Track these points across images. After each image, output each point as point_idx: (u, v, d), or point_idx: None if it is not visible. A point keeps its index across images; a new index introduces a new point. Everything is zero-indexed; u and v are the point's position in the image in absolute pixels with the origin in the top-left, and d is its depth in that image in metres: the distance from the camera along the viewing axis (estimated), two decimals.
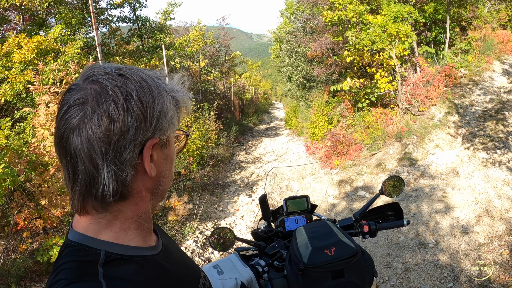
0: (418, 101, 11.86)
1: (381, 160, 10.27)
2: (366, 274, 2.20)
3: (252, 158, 15.92)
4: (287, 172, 11.75)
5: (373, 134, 11.60)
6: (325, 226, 2.32)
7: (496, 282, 5.48)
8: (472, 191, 7.99)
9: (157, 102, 1.06)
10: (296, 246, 2.19)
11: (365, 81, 13.15)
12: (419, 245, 6.56)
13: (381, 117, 12.03)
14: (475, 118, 11.05)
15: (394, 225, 2.75)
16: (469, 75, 13.55)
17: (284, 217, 2.86)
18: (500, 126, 10.33)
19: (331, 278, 2.04)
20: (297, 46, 19.56)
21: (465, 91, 12.62)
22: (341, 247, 2.10)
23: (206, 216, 8.95)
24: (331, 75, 16.80)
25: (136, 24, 18.13)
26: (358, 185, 9.65)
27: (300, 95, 20.96)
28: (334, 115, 14.86)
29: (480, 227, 6.81)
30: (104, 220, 1.08)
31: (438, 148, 10.07)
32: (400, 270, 5.98)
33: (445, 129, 10.82)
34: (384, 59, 12.00)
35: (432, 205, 7.74)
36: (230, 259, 2.45)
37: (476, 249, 6.24)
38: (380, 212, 2.87)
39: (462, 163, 9.20)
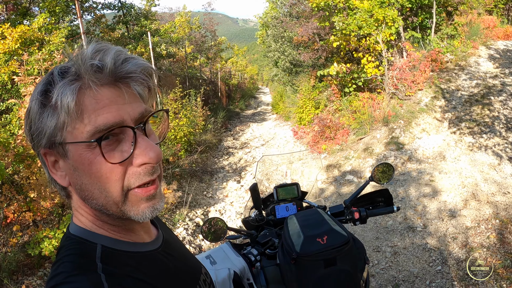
0: (404, 86, 11.92)
1: (369, 145, 10.33)
2: (358, 261, 2.23)
3: (239, 143, 15.92)
4: (275, 158, 11.76)
5: (360, 118, 11.65)
6: (316, 214, 2.34)
7: (483, 265, 5.52)
8: (459, 175, 8.08)
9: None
10: (288, 235, 2.19)
11: (351, 66, 13.15)
12: (408, 228, 6.63)
13: (368, 101, 12.07)
14: (461, 102, 11.14)
15: (384, 211, 2.76)
16: (455, 60, 13.61)
17: (274, 204, 2.86)
18: (486, 111, 10.41)
19: (323, 266, 2.05)
20: (284, 31, 19.50)
21: (451, 76, 12.69)
22: (333, 235, 2.11)
23: (196, 203, 8.97)
24: (317, 60, 16.78)
25: (121, 11, 17.97)
26: (346, 169, 9.70)
27: (287, 80, 20.92)
28: (321, 100, 14.86)
29: (467, 210, 6.90)
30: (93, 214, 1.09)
31: (425, 133, 10.15)
32: (389, 254, 6.05)
33: (431, 113, 10.89)
34: (371, 44, 12.02)
35: (420, 189, 7.82)
36: (222, 248, 2.45)
37: (463, 232, 6.32)
38: (370, 199, 2.89)
39: (449, 147, 9.29)
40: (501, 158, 8.40)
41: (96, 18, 17.20)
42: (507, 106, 10.58)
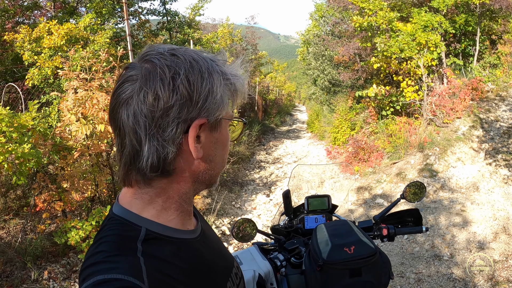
0: (443, 113, 11.79)
1: (402, 169, 10.24)
2: (383, 275, 2.21)
3: (272, 158, 15.96)
4: (306, 175, 11.75)
5: (396, 142, 11.57)
6: (346, 225, 2.33)
7: None
8: (491, 207, 7.94)
9: (206, 83, 1.07)
10: (316, 242, 2.20)
11: (390, 88, 13.09)
12: (434, 257, 6.54)
13: (405, 126, 11.98)
14: (499, 134, 10.96)
15: (413, 230, 2.74)
16: (496, 90, 13.40)
17: (304, 215, 2.88)
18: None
19: (348, 276, 2.05)
20: (325, 50, 19.51)
21: (491, 106, 12.50)
22: (361, 246, 2.11)
23: (223, 211, 9.02)
24: (356, 81, 16.76)
25: (166, 17, 18.28)
26: (377, 192, 9.64)
27: (324, 99, 20.91)
28: (357, 121, 14.82)
29: (497, 244, 6.77)
30: (147, 196, 1.11)
31: (460, 162, 10.02)
32: (413, 280, 5.98)
33: (468, 143, 10.75)
34: (412, 68, 11.94)
35: (450, 218, 7.71)
36: (249, 251, 2.48)
37: (490, 265, 6.20)
38: (399, 217, 2.86)
39: (483, 178, 9.14)
40: None
41: (140, 22, 17.52)
42: None
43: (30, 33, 10.03)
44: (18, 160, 5.11)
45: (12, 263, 5.62)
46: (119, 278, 0.93)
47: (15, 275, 5.52)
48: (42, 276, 5.59)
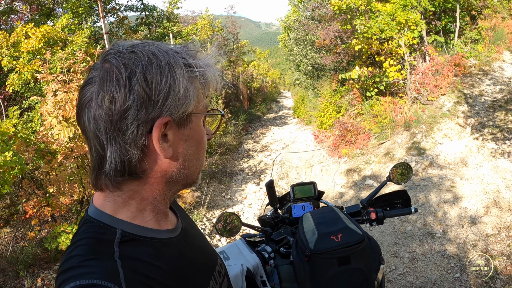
0: (427, 90, 11.76)
1: (389, 149, 10.20)
2: (372, 261, 2.21)
3: (260, 146, 15.89)
4: (295, 160, 11.70)
5: (382, 123, 11.53)
6: (332, 212, 2.29)
7: (503, 274, 5.47)
8: (481, 182, 7.92)
9: (167, 79, 1.01)
10: (303, 232, 2.16)
11: (373, 69, 13.04)
12: (427, 234, 6.53)
13: (390, 106, 11.94)
14: (484, 108, 10.95)
15: (402, 212, 2.71)
16: (478, 65, 13.41)
17: (291, 203, 2.83)
18: (509, 117, 10.21)
19: (337, 265, 2.02)
20: (306, 35, 19.46)
21: (475, 81, 12.50)
22: (348, 233, 2.07)
23: (214, 204, 8.94)
24: (339, 64, 16.70)
25: (144, 12, 18.12)
26: (366, 174, 9.60)
27: (309, 84, 20.89)
28: (342, 104, 14.77)
29: (488, 217, 6.77)
30: (120, 198, 1.07)
31: (447, 138, 9.98)
32: (407, 260, 5.97)
33: (454, 118, 10.72)
34: (393, 48, 11.89)
35: (440, 195, 7.69)
36: (236, 245, 2.42)
37: (483, 239, 6.22)
38: (387, 200, 2.82)
39: (471, 153, 9.12)
40: None
41: (119, 19, 17.36)
42: None
43: (7, 39, 9.85)
44: (1, 169, 5.00)
45: (5, 273, 5.53)
46: (95, 283, 0.89)
47: (8, 285, 5.42)
48: (36, 283, 5.50)
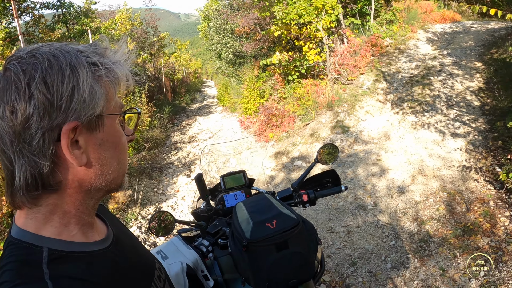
0: (346, 71, 11.99)
1: (315, 130, 10.32)
2: (310, 243, 2.25)
3: (187, 137, 15.70)
4: (223, 149, 11.67)
5: (305, 105, 11.64)
6: (264, 199, 2.34)
7: (436, 236, 5.68)
8: (405, 153, 8.18)
9: (69, 81, 0.93)
10: (237, 222, 2.18)
11: (294, 54, 13.14)
12: (359, 208, 6.66)
13: (312, 88, 12.06)
14: (402, 84, 11.33)
15: (333, 191, 2.76)
16: (394, 44, 13.90)
17: (223, 194, 2.83)
18: (426, 91, 10.63)
19: (276, 250, 2.05)
20: (225, 23, 19.38)
21: (392, 59, 12.92)
22: (282, 219, 2.11)
23: (147, 200, 8.76)
24: (260, 50, 16.73)
25: (60, 10, 17.44)
26: (294, 155, 9.66)
27: (231, 72, 20.85)
28: (265, 89, 14.80)
29: (415, 186, 7.02)
30: (40, 215, 0.98)
31: (369, 115, 10.22)
32: (343, 234, 6.05)
33: (374, 96, 11.00)
34: (312, 32, 12.01)
35: (368, 169, 7.87)
36: (172, 242, 2.37)
37: (413, 207, 6.44)
38: (317, 180, 2.89)
39: (393, 127, 9.38)
40: (444, 134, 8.56)
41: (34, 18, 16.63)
42: (446, 85, 10.83)
43: None
44: None
45: None
46: None
47: None
48: None
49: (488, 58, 12.22)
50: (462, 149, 7.97)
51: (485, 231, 5.58)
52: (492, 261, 5.03)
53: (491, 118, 8.79)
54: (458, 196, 6.51)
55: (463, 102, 9.82)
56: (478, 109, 9.40)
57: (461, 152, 7.87)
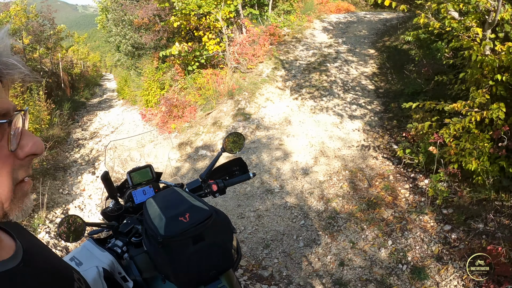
0: (246, 60, 12.04)
1: (217, 119, 10.27)
2: (225, 232, 2.19)
3: (89, 134, 15.15)
4: (127, 143, 11.40)
5: (206, 94, 11.57)
6: (174, 193, 2.25)
7: (343, 212, 5.90)
8: (306, 136, 8.35)
9: None
10: (150, 219, 2.07)
11: (193, 44, 13.03)
12: (266, 192, 6.72)
13: (212, 77, 12.00)
14: (300, 71, 11.54)
15: (241, 179, 2.77)
16: (292, 33, 14.19)
17: (131, 190, 2.70)
18: (323, 77, 10.91)
19: (192, 244, 2.00)
20: (124, 15, 18.85)
21: (289, 48, 13.16)
22: (195, 211, 2.05)
23: (53, 203, 8.32)
24: (159, 41, 16.46)
25: None
26: (198, 145, 9.57)
27: (130, 64, 20.38)
28: (165, 81, 14.58)
29: (318, 167, 7.22)
30: None
31: (269, 101, 10.29)
32: (254, 218, 6.10)
33: (273, 83, 11.10)
34: (211, 22, 11.95)
35: (272, 154, 7.92)
36: (85, 247, 2.19)
37: (318, 187, 6.62)
38: (225, 169, 2.87)
39: (293, 112, 9.52)
40: (342, 117, 8.86)
41: None
42: (342, 71, 11.19)
43: None
44: None
45: None
46: None
47: None
48: None
49: (381, 45, 12.80)
50: (360, 129, 8.29)
51: (388, 203, 5.90)
52: (398, 230, 5.32)
53: (385, 100, 9.19)
54: (360, 174, 6.80)
55: (358, 87, 10.17)
56: (373, 92, 9.79)
57: (359, 133, 8.19)
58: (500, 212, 4.95)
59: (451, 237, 5.09)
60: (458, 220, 5.19)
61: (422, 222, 5.48)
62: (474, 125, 5.24)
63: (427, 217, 5.52)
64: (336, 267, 4.98)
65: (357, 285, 4.67)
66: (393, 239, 5.28)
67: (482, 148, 5.15)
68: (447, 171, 5.72)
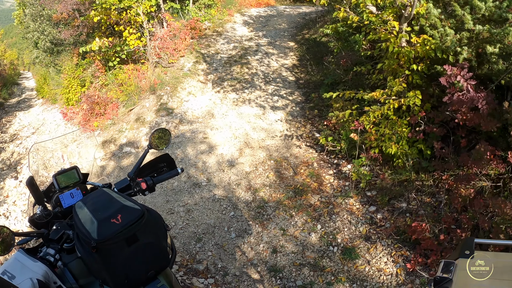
0: (167, 54, 11.87)
1: (140, 114, 10.05)
2: (158, 231, 2.16)
3: (9, 136, 14.52)
4: (49, 145, 11.04)
5: (128, 90, 11.31)
6: (103, 194, 2.19)
7: (271, 201, 5.99)
8: (230, 128, 8.36)
9: None
10: (81, 223, 1.99)
11: (114, 39, 12.72)
12: (194, 185, 6.67)
13: (133, 73, 11.74)
14: (221, 64, 11.50)
15: (170, 175, 2.74)
16: (213, 27, 14.16)
17: (57, 194, 2.56)
18: (245, 69, 10.93)
19: (127, 245, 1.96)
20: (42, 10, 18.12)
21: (211, 42, 13.11)
22: (127, 212, 2.00)
23: None
24: (79, 37, 15.93)
25: None
26: (122, 142, 9.31)
27: (49, 61, 19.64)
28: (86, 77, 14.11)
29: (244, 158, 7.27)
30: None
31: (192, 95, 10.17)
32: (183, 213, 6.04)
33: (195, 77, 10.98)
34: (132, 17, 11.70)
35: (196, 147, 7.84)
36: (16, 258, 2.05)
37: (245, 177, 6.68)
38: (153, 166, 2.82)
39: (215, 105, 9.48)
40: (264, 108, 8.94)
41: None
42: (263, 63, 11.27)
43: None
44: None
45: None
46: None
47: None
48: None
49: (300, 38, 13.00)
50: (283, 120, 8.39)
51: (314, 190, 6.08)
52: (325, 214, 5.51)
53: (306, 90, 9.35)
54: (285, 162, 6.93)
55: (279, 78, 10.27)
56: (294, 84, 9.92)
57: (282, 123, 8.29)
58: (421, 191, 5.29)
59: (376, 217, 5.36)
60: (382, 201, 5.49)
61: (348, 205, 5.72)
62: (392, 112, 5.57)
63: (352, 200, 5.77)
64: (269, 255, 5.06)
65: (292, 270, 4.77)
66: (322, 223, 5.44)
67: (400, 133, 5.48)
68: (368, 156, 5.99)
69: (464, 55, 4.89)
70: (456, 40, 4.97)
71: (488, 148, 4.32)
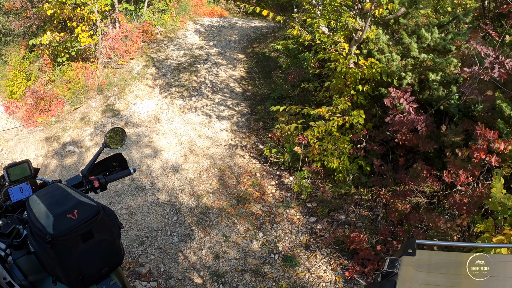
0: (117, 55, 11.71)
1: (85, 114, 9.85)
2: (113, 228, 2.15)
3: None
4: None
5: (75, 88, 11.05)
6: (59, 189, 2.13)
7: (214, 208, 6.05)
8: (175, 134, 8.34)
9: None
10: (35, 217, 1.93)
11: (65, 35, 12.46)
12: (137, 189, 6.61)
13: (82, 71, 11.50)
14: (170, 70, 11.47)
15: (122, 174, 2.77)
16: (165, 32, 14.06)
17: (7, 187, 2.48)
18: (193, 77, 10.94)
19: (82, 241, 1.93)
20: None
21: (161, 46, 13.02)
22: (83, 207, 1.97)
23: None
24: (29, 29, 15.53)
25: None
26: (66, 140, 9.08)
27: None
28: (32, 71, 13.74)
29: (188, 164, 7.27)
30: None
31: (139, 99, 10.11)
32: (126, 216, 5.98)
33: (143, 80, 10.91)
34: (86, 14, 11.49)
35: (141, 151, 7.79)
36: None
37: (189, 183, 6.69)
38: (105, 165, 2.83)
39: (162, 110, 9.44)
40: (210, 117, 8.98)
41: None
42: (211, 73, 11.31)
43: None
44: None
45: None
46: None
47: None
48: None
49: (250, 51, 13.14)
50: (228, 130, 8.49)
51: (256, 199, 6.21)
52: (267, 223, 5.63)
53: (252, 102, 9.48)
54: (228, 171, 7.02)
55: (227, 89, 10.36)
56: (241, 95, 10.02)
57: (227, 132, 8.39)
58: (360, 204, 5.54)
59: (316, 228, 5.54)
60: (322, 213, 5.68)
61: (289, 215, 5.87)
62: (336, 129, 5.80)
63: (293, 211, 5.94)
64: (212, 260, 5.11)
65: (234, 276, 4.84)
66: (264, 231, 5.57)
67: (343, 149, 5.73)
68: (310, 169, 6.19)
69: (408, 80, 5.22)
70: (401, 65, 5.27)
71: (425, 167, 4.63)
